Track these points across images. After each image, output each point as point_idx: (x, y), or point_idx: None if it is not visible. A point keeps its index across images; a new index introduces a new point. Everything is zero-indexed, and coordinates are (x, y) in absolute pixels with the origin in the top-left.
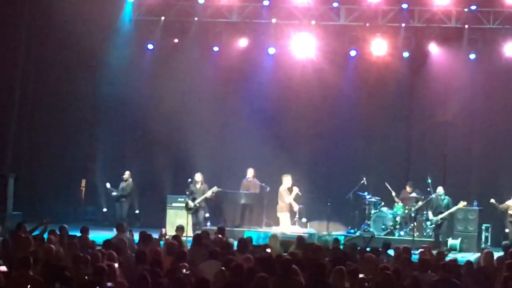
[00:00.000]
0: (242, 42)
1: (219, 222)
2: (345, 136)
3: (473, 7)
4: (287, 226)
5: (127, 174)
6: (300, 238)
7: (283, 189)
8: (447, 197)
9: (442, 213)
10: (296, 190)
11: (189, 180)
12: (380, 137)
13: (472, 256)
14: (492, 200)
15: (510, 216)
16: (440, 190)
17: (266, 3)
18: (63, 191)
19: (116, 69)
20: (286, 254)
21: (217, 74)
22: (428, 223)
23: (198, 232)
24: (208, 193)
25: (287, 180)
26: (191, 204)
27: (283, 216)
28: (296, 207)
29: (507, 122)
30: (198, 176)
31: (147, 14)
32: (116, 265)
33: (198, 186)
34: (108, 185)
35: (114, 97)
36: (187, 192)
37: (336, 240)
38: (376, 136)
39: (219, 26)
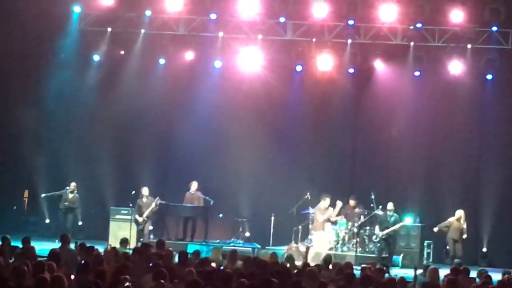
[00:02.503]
0: (189, 55)
1: (162, 235)
2: (290, 151)
3: (419, 25)
4: (321, 244)
5: (73, 185)
6: (232, 252)
7: (317, 208)
8: (395, 214)
9: (388, 228)
10: (330, 210)
11: (133, 192)
12: (325, 152)
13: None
14: (435, 229)
15: (451, 233)
16: (390, 206)
17: (213, 16)
18: (5, 201)
19: (61, 79)
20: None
21: (163, 87)
22: (374, 237)
23: (138, 244)
24: (152, 206)
25: (324, 202)
26: (139, 219)
27: (317, 235)
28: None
29: (450, 139)
30: (145, 190)
31: (94, 25)
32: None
33: (145, 200)
34: (43, 195)
35: (59, 108)
36: (134, 207)
37: (274, 254)
38: (321, 151)
39: (166, 39)
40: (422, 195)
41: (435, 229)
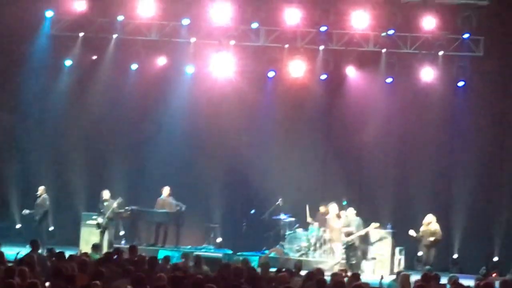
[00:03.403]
0: (161, 61)
1: (133, 240)
2: (263, 156)
3: (391, 32)
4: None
5: (41, 189)
6: (197, 257)
7: (330, 218)
8: (358, 218)
9: (353, 233)
10: (344, 213)
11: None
12: (297, 158)
13: (386, 279)
14: (411, 233)
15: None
16: (350, 211)
17: (185, 22)
18: None
19: (33, 84)
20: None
21: (136, 92)
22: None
23: (110, 250)
24: (114, 206)
25: (332, 208)
26: (101, 221)
27: (336, 247)
28: (350, 229)
29: (422, 145)
30: (106, 194)
31: (66, 29)
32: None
33: (106, 203)
34: (25, 212)
35: (30, 112)
36: (97, 211)
37: (246, 260)
38: (293, 156)
39: (138, 44)
40: (394, 201)
41: (412, 233)
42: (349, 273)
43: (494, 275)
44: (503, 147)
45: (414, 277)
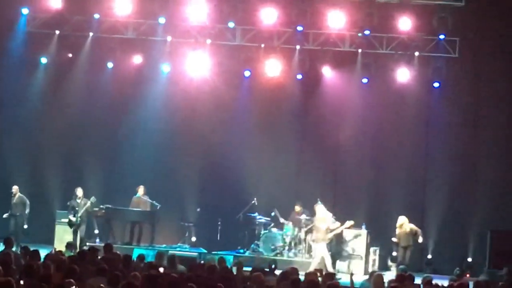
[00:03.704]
0: (137, 59)
1: (108, 239)
2: (238, 155)
3: (367, 32)
4: (323, 257)
5: (15, 188)
6: (171, 256)
7: (317, 219)
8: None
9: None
10: (330, 215)
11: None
12: (272, 157)
13: (360, 279)
14: (394, 240)
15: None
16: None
17: (162, 20)
18: None
19: (7, 81)
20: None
21: (111, 90)
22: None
23: (85, 247)
24: (87, 205)
25: (320, 209)
26: (73, 219)
27: (320, 247)
28: (335, 230)
29: (397, 146)
30: (79, 191)
31: (42, 27)
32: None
33: (79, 201)
34: (5, 215)
35: (5, 109)
36: (69, 208)
37: (222, 259)
38: (268, 156)
39: (114, 42)
40: (369, 201)
41: (394, 240)
42: (324, 272)
43: (467, 275)
44: (477, 148)
45: (388, 277)
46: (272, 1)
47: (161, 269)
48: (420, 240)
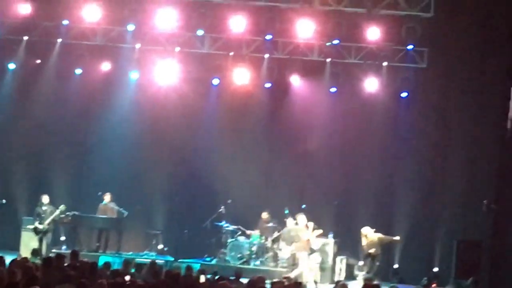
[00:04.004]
0: (105, 66)
1: (74, 246)
2: (206, 163)
3: (336, 42)
4: (306, 267)
5: None
6: (138, 264)
7: (299, 229)
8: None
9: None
10: (311, 224)
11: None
12: (240, 165)
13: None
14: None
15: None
16: (291, 222)
17: (130, 28)
18: None
19: None
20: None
21: (79, 97)
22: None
23: (51, 255)
24: (56, 213)
25: (301, 219)
26: (39, 226)
27: (302, 257)
28: (315, 244)
29: (365, 155)
30: (46, 198)
31: (10, 33)
32: None
33: (45, 208)
34: None
35: None
36: (34, 214)
37: (189, 268)
38: (236, 164)
39: (83, 49)
40: (336, 210)
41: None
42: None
43: (434, 285)
44: (445, 158)
45: (355, 287)
46: (241, 9)
47: (127, 277)
48: (398, 238)
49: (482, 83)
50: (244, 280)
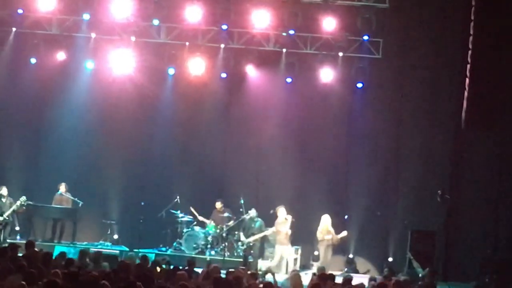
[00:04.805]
0: (61, 55)
1: (29, 235)
2: (161, 153)
3: (291, 32)
4: (281, 259)
5: None
6: (96, 253)
7: (278, 222)
8: (259, 219)
9: (254, 234)
10: (290, 217)
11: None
12: (195, 155)
13: (281, 278)
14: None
15: (325, 240)
16: (253, 212)
17: (86, 17)
18: None
19: None
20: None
21: (35, 86)
22: (240, 243)
23: (5, 245)
24: (17, 204)
25: (282, 212)
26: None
27: (280, 250)
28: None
29: (320, 145)
30: (4, 190)
31: None
32: None
33: (4, 200)
34: None
35: None
36: None
37: (145, 258)
38: (191, 153)
39: (38, 38)
40: (292, 200)
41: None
42: (249, 272)
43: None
44: (399, 148)
45: (310, 276)
46: None
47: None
48: (343, 234)
49: (437, 74)
50: (199, 270)
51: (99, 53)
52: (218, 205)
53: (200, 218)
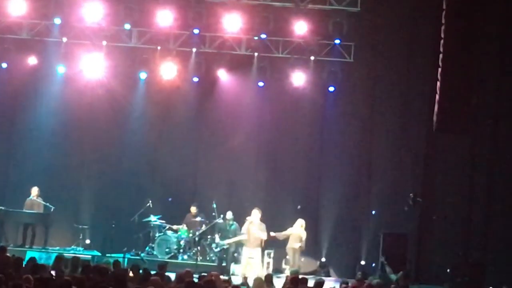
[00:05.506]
0: (32, 60)
1: (0, 241)
2: (133, 157)
3: (263, 36)
4: (248, 262)
5: None
6: (74, 259)
7: (254, 224)
8: (235, 222)
9: (229, 238)
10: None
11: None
12: (167, 159)
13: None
14: (272, 233)
15: (292, 242)
16: (229, 215)
17: (57, 21)
18: None
19: None
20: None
21: (6, 91)
22: (214, 245)
23: None
24: None
25: (255, 214)
26: None
27: (248, 252)
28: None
29: (292, 149)
30: None
31: None
32: None
33: None
34: None
35: None
36: None
37: (117, 262)
38: (163, 158)
39: (8, 43)
40: (264, 204)
41: (272, 234)
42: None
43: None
44: (371, 151)
45: (282, 280)
46: (168, 3)
47: (53, 272)
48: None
49: (408, 77)
50: (172, 275)
51: (71, 57)
52: (193, 209)
53: (175, 227)
